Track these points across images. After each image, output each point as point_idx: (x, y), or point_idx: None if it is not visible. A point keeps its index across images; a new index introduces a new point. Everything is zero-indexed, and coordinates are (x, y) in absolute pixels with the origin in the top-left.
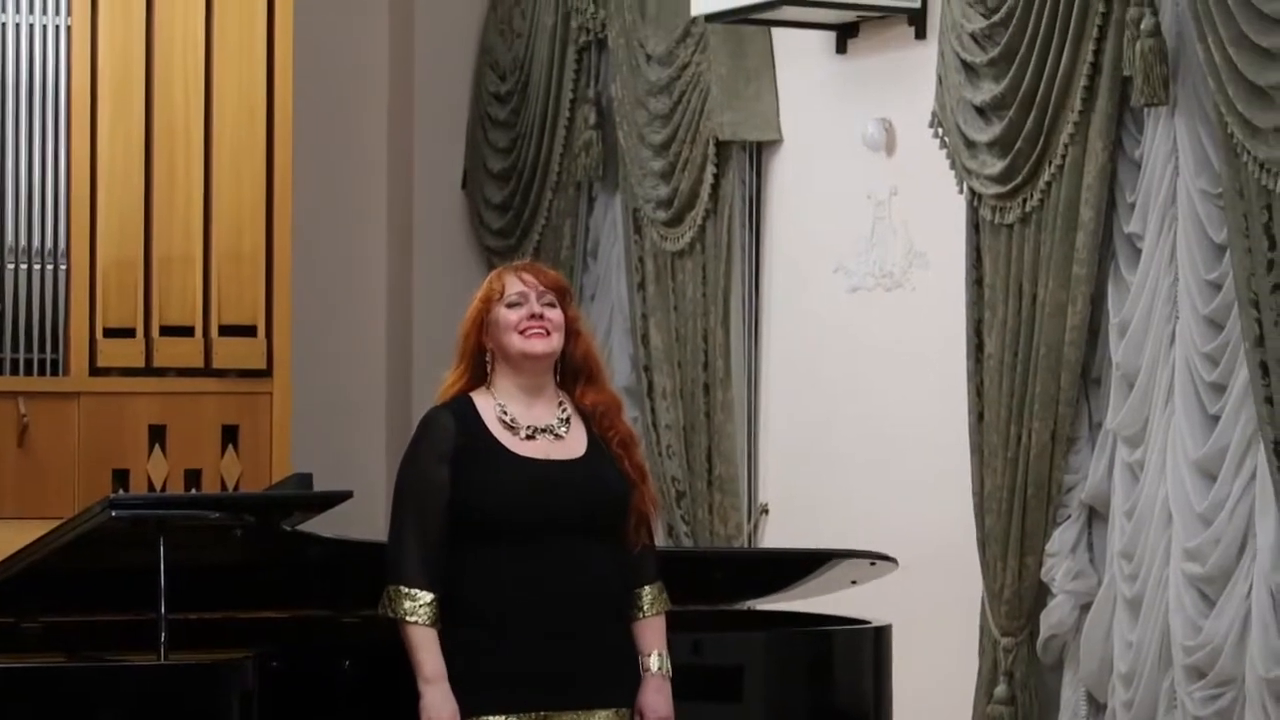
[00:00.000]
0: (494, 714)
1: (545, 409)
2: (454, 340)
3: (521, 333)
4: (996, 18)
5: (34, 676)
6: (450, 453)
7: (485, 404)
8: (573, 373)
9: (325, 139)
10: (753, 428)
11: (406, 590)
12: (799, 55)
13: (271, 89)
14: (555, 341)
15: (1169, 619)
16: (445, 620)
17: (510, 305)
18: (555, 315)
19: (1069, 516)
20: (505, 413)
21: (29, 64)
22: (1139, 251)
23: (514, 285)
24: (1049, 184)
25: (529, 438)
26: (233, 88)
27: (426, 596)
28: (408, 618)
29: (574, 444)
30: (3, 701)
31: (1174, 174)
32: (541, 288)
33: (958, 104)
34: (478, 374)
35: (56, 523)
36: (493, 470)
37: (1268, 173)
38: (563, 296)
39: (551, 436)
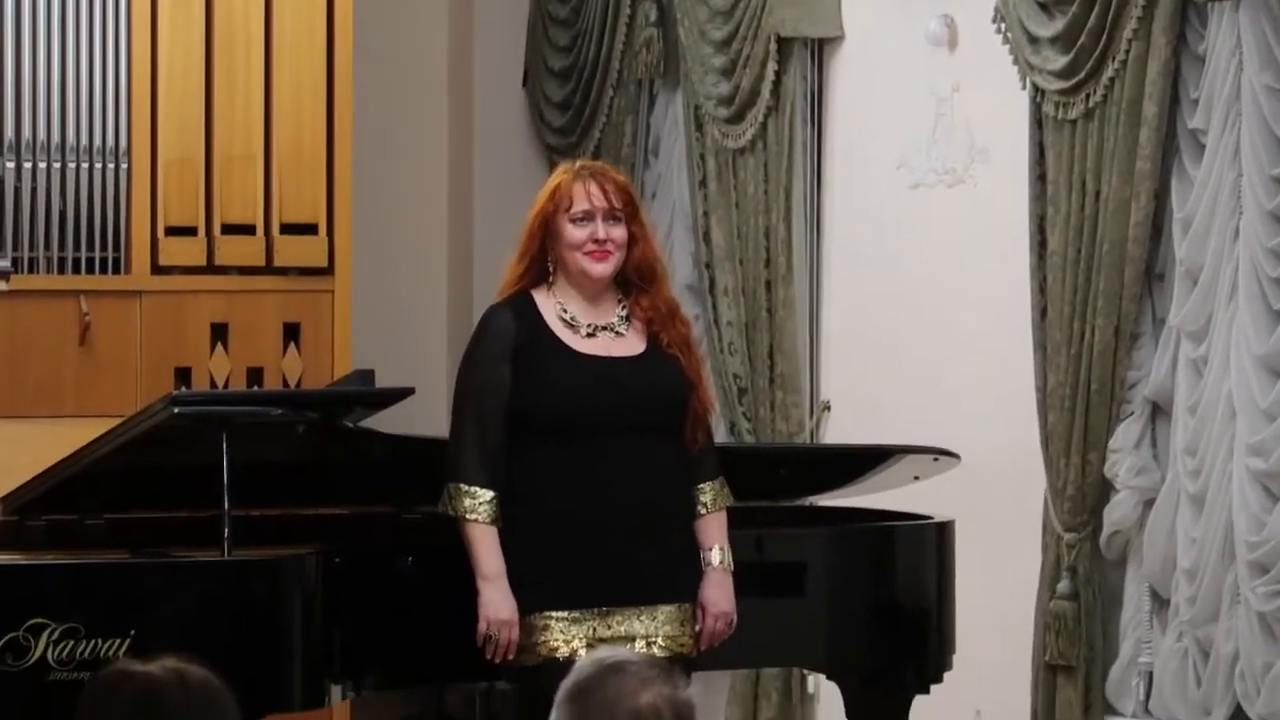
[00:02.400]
0: (555, 610)
1: (606, 308)
2: (514, 236)
3: (585, 253)
4: None
5: (98, 572)
6: (510, 351)
7: (546, 302)
8: (631, 278)
9: (386, 36)
10: (814, 324)
11: (466, 488)
12: None
13: None
14: (616, 261)
15: (1232, 515)
16: (506, 518)
17: (574, 221)
18: (619, 234)
19: (1132, 413)
20: (565, 311)
21: None
22: (1203, 147)
23: (581, 200)
24: (1112, 80)
25: (589, 335)
26: None
27: (486, 494)
28: (467, 515)
29: (633, 342)
30: (67, 597)
31: (1238, 69)
32: (608, 205)
33: None
34: (540, 273)
35: (118, 421)
36: (554, 367)
37: None
38: (629, 209)
39: (612, 334)
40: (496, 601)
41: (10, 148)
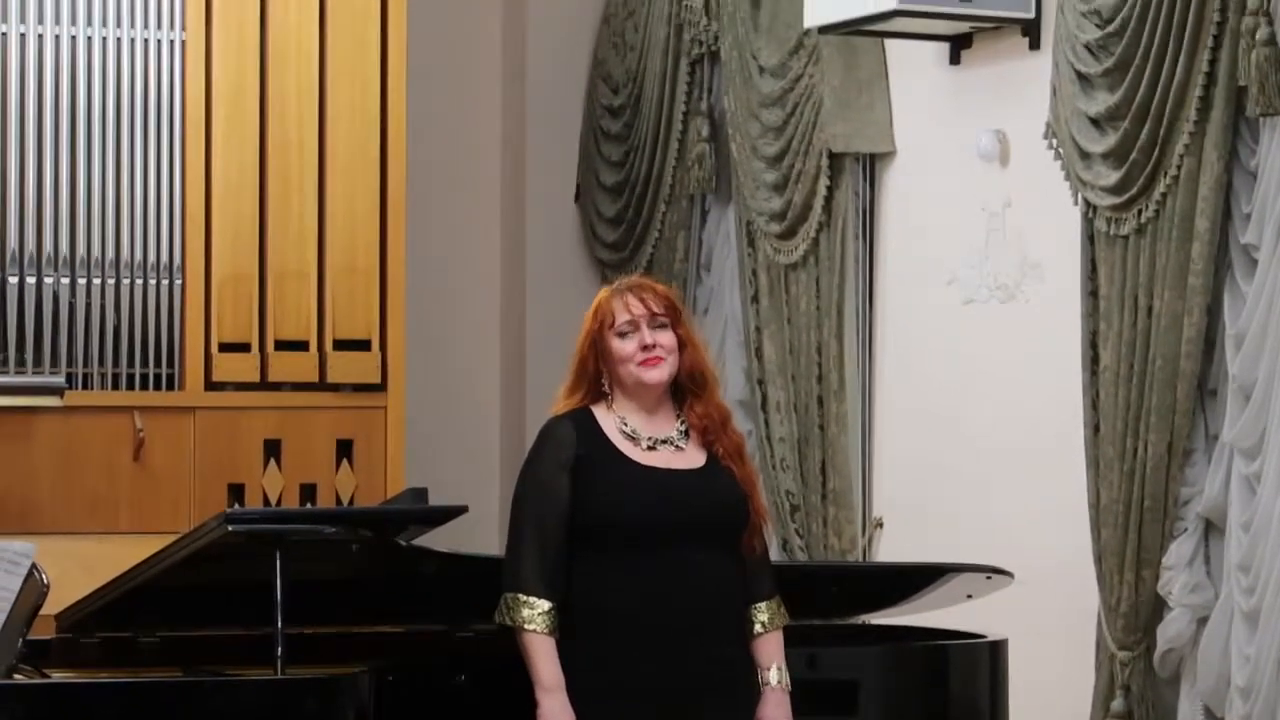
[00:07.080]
0: None
1: (665, 421)
2: (567, 354)
3: (637, 364)
4: (1111, 28)
5: (152, 691)
6: (570, 461)
7: (606, 417)
8: (684, 384)
9: (438, 153)
10: (867, 440)
11: (524, 598)
12: (912, 66)
13: (385, 103)
14: (670, 366)
15: None
16: (564, 631)
17: (621, 335)
18: (667, 339)
19: (1186, 529)
20: (626, 424)
21: (144, 78)
22: (1255, 262)
23: (621, 312)
24: (1164, 195)
25: (650, 448)
26: (346, 101)
27: (544, 604)
28: (525, 625)
29: (694, 455)
30: (121, 716)
31: None
32: (650, 313)
33: (1072, 115)
34: (595, 396)
35: (173, 538)
36: (617, 479)
37: None
38: (673, 314)
39: (672, 448)
40: (556, 712)
41: (65, 263)
